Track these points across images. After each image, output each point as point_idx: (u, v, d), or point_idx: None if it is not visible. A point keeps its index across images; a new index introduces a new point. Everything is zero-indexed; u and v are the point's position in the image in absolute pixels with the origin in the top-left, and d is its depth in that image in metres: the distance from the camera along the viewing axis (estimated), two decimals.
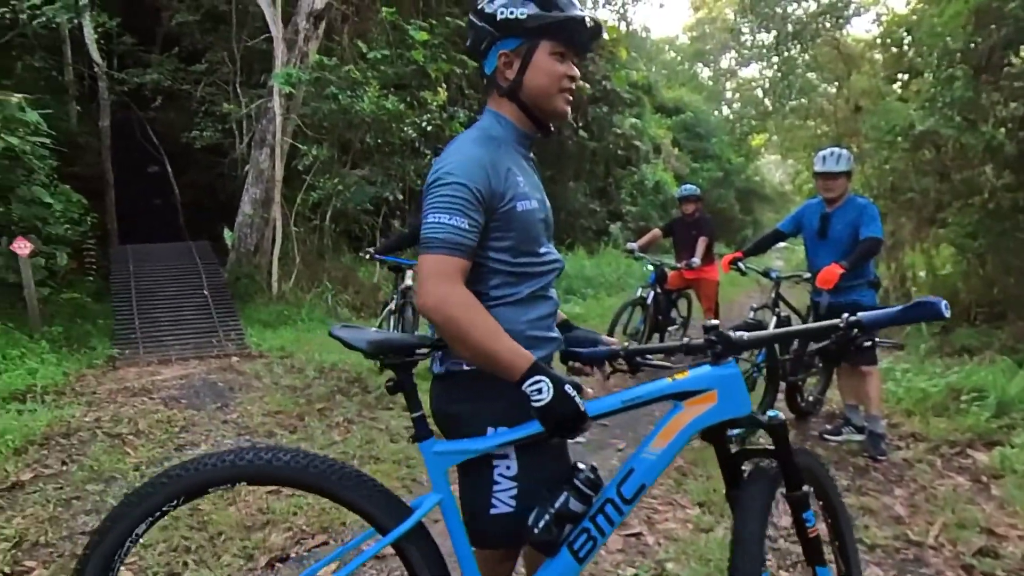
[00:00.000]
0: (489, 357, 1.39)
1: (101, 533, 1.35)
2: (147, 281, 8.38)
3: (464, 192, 1.41)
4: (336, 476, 1.45)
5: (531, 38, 1.49)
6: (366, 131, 9.93)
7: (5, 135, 6.94)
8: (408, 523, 1.45)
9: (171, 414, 4.68)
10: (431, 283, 1.39)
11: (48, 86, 10.11)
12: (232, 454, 1.43)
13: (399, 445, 4.04)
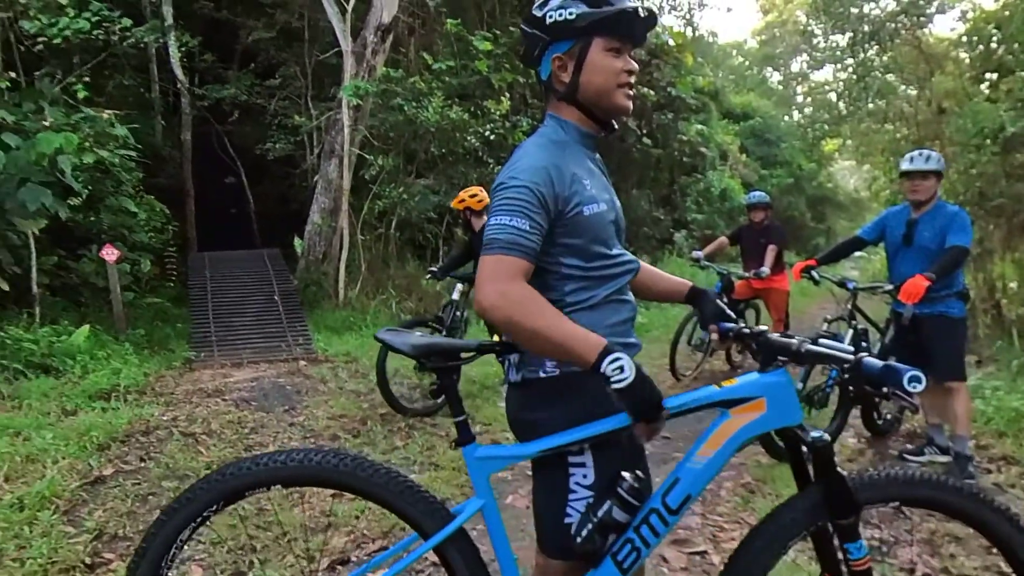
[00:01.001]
0: (559, 345, 1.35)
1: (148, 540, 1.39)
2: (222, 287, 8.72)
3: (526, 194, 1.39)
4: (381, 480, 1.46)
5: (583, 37, 1.46)
6: (430, 141, 10.09)
7: (97, 149, 7.37)
8: (449, 528, 1.44)
9: (241, 415, 4.84)
10: (489, 283, 1.37)
11: (136, 102, 10.70)
12: (279, 456, 1.45)
13: (457, 451, 4.05)
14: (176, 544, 1.39)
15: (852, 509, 1.46)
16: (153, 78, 11.33)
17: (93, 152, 7.26)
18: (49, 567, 2.52)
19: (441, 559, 1.49)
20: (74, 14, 8.54)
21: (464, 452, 1.49)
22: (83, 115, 7.64)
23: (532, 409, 1.52)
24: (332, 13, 9.43)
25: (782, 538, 1.49)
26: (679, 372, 6.15)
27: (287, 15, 11.37)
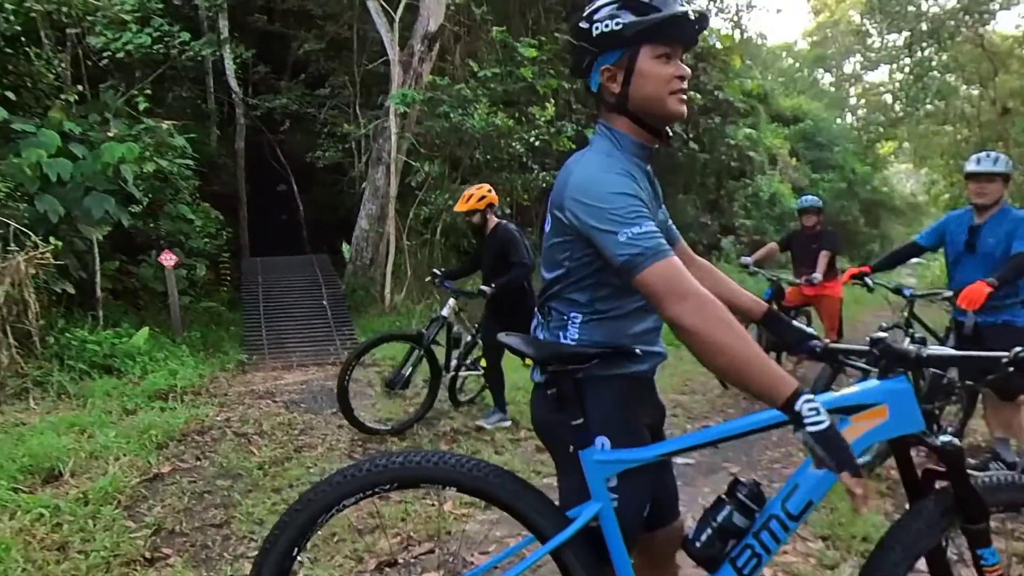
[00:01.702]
0: (748, 371, 1.28)
1: (277, 533, 1.45)
2: (273, 291, 8.95)
3: (633, 199, 1.35)
4: (498, 481, 1.49)
5: (631, 46, 1.44)
6: (476, 147, 10.18)
7: (157, 158, 7.66)
8: (567, 532, 1.45)
9: (292, 417, 4.95)
10: (675, 298, 1.29)
11: (193, 113, 11.09)
12: (404, 456, 1.49)
13: (503, 457, 4.07)
14: (301, 540, 1.44)
15: (983, 514, 1.43)
16: (209, 89, 11.72)
17: (153, 161, 7.55)
18: (112, 560, 2.63)
19: (557, 562, 1.50)
20: (137, 29, 8.91)
21: (581, 455, 1.48)
22: (144, 126, 7.95)
23: (556, 410, 1.51)
24: (380, 23, 9.61)
25: (916, 548, 1.45)
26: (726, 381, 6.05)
27: (337, 26, 11.63)
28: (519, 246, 4.65)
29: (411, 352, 4.97)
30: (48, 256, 5.63)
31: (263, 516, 3.11)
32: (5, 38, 7.39)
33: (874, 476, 3.62)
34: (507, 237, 4.68)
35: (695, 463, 3.96)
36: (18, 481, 3.31)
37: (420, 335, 4.88)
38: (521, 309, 4.61)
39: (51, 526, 2.83)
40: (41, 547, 2.66)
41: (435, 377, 4.94)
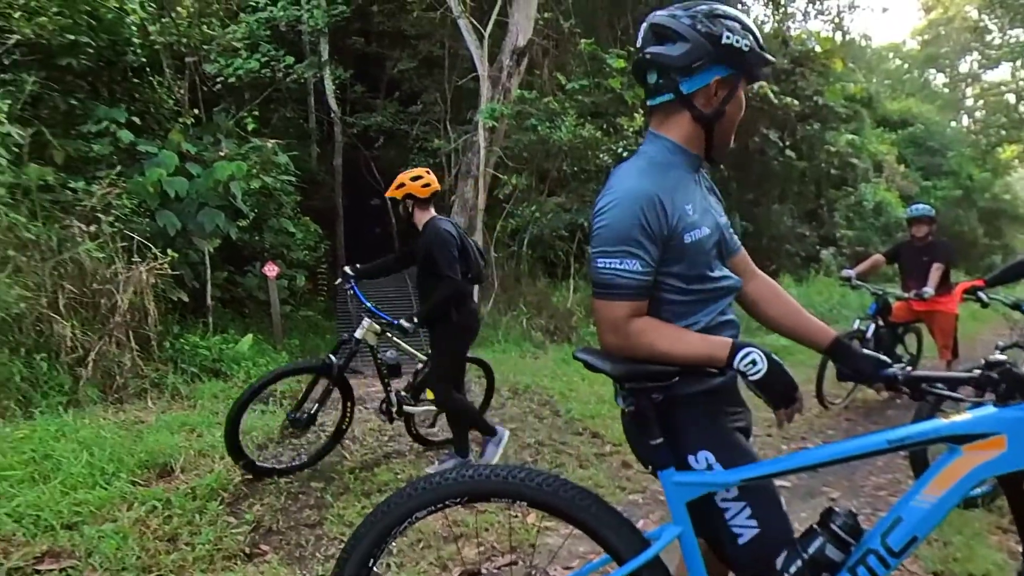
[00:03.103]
0: (689, 358, 1.42)
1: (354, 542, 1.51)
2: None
3: (634, 231, 1.39)
4: (581, 502, 1.49)
5: (743, 70, 1.49)
6: (563, 159, 10.22)
7: (262, 175, 8.14)
8: (646, 555, 1.43)
9: (381, 424, 5.09)
10: (610, 333, 1.44)
11: (295, 132, 11.70)
12: (475, 470, 1.52)
13: (587, 471, 4.05)
14: (377, 551, 1.50)
15: None
16: (310, 109, 12.35)
17: (259, 178, 8.03)
18: (215, 553, 2.80)
19: None
20: (247, 56, 9.55)
21: (661, 476, 1.47)
22: (252, 145, 8.47)
23: (652, 437, 1.50)
24: (470, 40, 9.84)
25: None
26: (827, 400, 5.75)
27: (429, 45, 11.99)
28: (446, 253, 3.72)
29: (314, 384, 4.15)
30: (166, 267, 6.08)
31: (352, 519, 3.22)
32: (133, 69, 8.08)
33: (994, 509, 3.34)
34: (433, 240, 3.78)
35: (791, 486, 3.80)
36: (136, 475, 3.57)
37: (328, 365, 4.02)
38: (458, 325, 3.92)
39: (163, 518, 3.04)
40: (154, 537, 2.86)
41: (345, 412, 4.17)
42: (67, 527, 2.87)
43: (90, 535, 2.78)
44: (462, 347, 4.07)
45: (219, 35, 9.45)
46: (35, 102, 6.85)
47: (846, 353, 1.56)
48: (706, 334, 1.49)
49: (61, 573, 2.51)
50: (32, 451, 3.69)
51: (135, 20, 7.96)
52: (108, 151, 7.08)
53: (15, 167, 5.68)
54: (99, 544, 2.71)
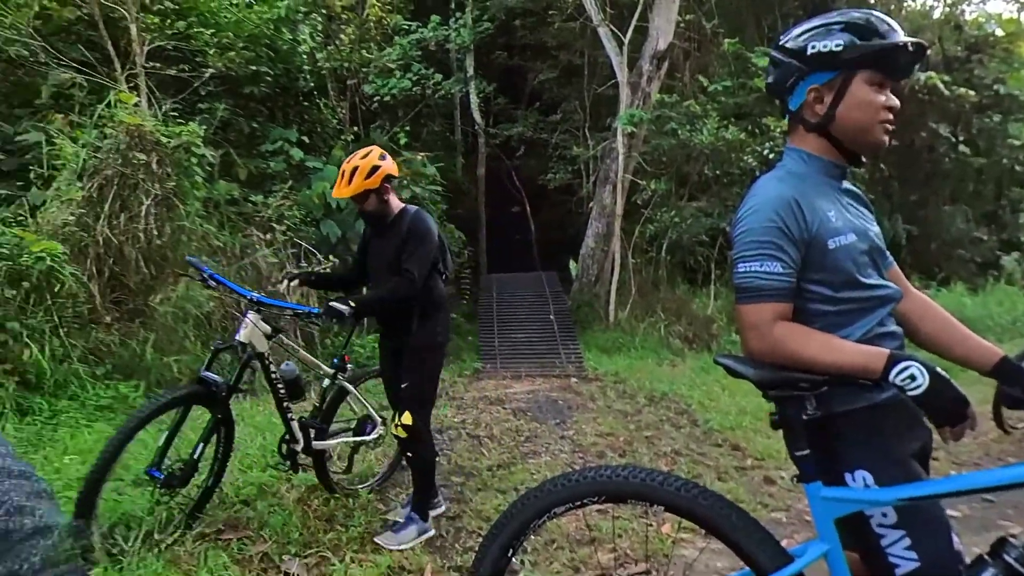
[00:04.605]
0: (839, 367, 1.33)
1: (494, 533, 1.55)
2: (506, 305, 9.51)
3: (772, 234, 1.36)
4: (722, 512, 1.45)
5: (846, 70, 1.40)
6: (704, 163, 9.90)
7: (413, 186, 8.59)
8: (789, 570, 1.37)
9: (518, 424, 5.21)
10: (754, 338, 1.39)
11: (442, 144, 12.24)
12: (613, 470, 1.51)
13: (727, 484, 3.89)
14: (515, 543, 1.54)
15: None
16: (456, 122, 12.88)
17: (409, 189, 8.48)
18: (365, 536, 2.98)
19: None
20: (400, 75, 10.12)
21: (807, 490, 1.40)
22: (403, 158, 8.96)
23: (798, 448, 1.43)
24: (610, 48, 9.79)
25: None
26: (1007, 424, 5.11)
27: (569, 55, 12.08)
28: (425, 246, 2.91)
29: (183, 417, 2.79)
30: (327, 270, 6.59)
31: (490, 514, 3.31)
32: (303, 94, 8.84)
33: None
34: (414, 229, 2.93)
35: (962, 516, 3.42)
36: None
37: (207, 388, 2.78)
38: (434, 337, 3.07)
39: (321, 500, 3.29)
40: (314, 517, 3.11)
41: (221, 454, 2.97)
42: (243, 502, 3.19)
43: (261, 510, 3.07)
44: (440, 363, 3.20)
45: (376, 58, 10.10)
46: (224, 127, 7.68)
47: (1014, 374, 1.40)
48: (879, 340, 1.42)
49: (238, 542, 2.80)
50: None
51: (305, 49, 8.70)
52: (282, 167, 7.80)
53: (208, 184, 6.39)
54: (269, 519, 2.98)
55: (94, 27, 6.78)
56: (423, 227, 2.94)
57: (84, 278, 4.94)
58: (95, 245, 5.14)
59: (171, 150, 5.66)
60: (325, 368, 3.35)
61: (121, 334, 5.06)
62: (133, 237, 5.32)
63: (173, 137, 5.70)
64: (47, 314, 4.55)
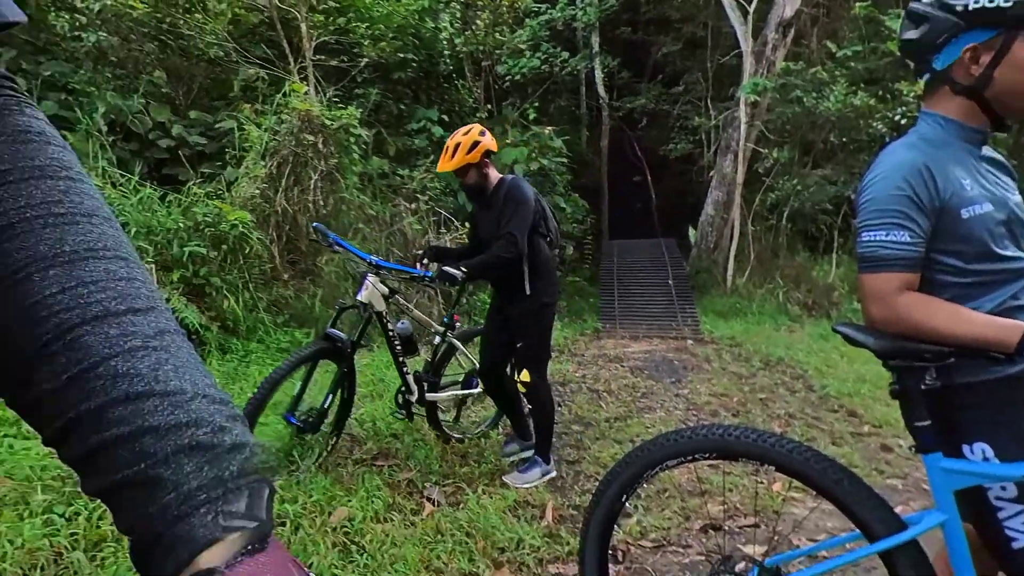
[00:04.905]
0: (968, 339, 1.21)
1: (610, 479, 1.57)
2: (626, 270, 9.38)
3: (900, 202, 1.23)
4: (834, 475, 1.39)
5: (1011, 28, 1.20)
6: (830, 130, 9.11)
7: (540, 158, 8.60)
8: (901, 537, 1.30)
9: (635, 381, 5.18)
10: (876, 306, 1.28)
11: (568, 118, 12.11)
12: (726, 429, 1.47)
13: (841, 449, 3.67)
14: (630, 489, 1.55)
15: None
16: (582, 97, 12.67)
17: (537, 160, 8.50)
18: (494, 473, 3.11)
19: (888, 566, 1.35)
20: (529, 55, 10.07)
21: (926, 461, 1.31)
22: (532, 132, 8.98)
23: (917, 419, 1.34)
24: (734, 18, 9.17)
25: None
26: None
27: (693, 27, 11.46)
28: (522, 210, 2.83)
29: (312, 370, 2.90)
30: (465, 237, 6.79)
31: (607, 462, 3.35)
32: (444, 76, 9.05)
33: None
34: (510, 196, 2.87)
35: None
36: None
37: (334, 344, 2.87)
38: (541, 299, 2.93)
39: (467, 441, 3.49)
40: (451, 452, 3.30)
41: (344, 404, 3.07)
42: (392, 435, 3.44)
43: (408, 444, 3.30)
44: (550, 322, 3.07)
45: (508, 40, 10.10)
46: (376, 109, 8.06)
47: None
48: (1012, 312, 1.27)
49: (388, 468, 3.03)
50: (372, 375, 4.46)
51: (445, 36, 8.87)
52: (425, 144, 8.08)
53: (363, 160, 6.76)
54: (414, 452, 3.20)
55: (273, 28, 7.29)
56: (519, 193, 2.87)
57: (267, 242, 5.44)
58: (275, 214, 5.63)
59: (334, 131, 6.04)
60: (436, 326, 3.36)
61: (296, 289, 5.54)
62: (304, 207, 5.77)
63: (335, 120, 6.07)
64: (240, 272, 5.07)
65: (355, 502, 2.58)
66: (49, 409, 0.33)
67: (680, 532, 2.64)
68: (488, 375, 3.11)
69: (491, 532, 2.46)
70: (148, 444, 0.31)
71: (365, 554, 2.25)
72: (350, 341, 2.90)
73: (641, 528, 2.63)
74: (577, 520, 2.67)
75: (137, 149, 6.25)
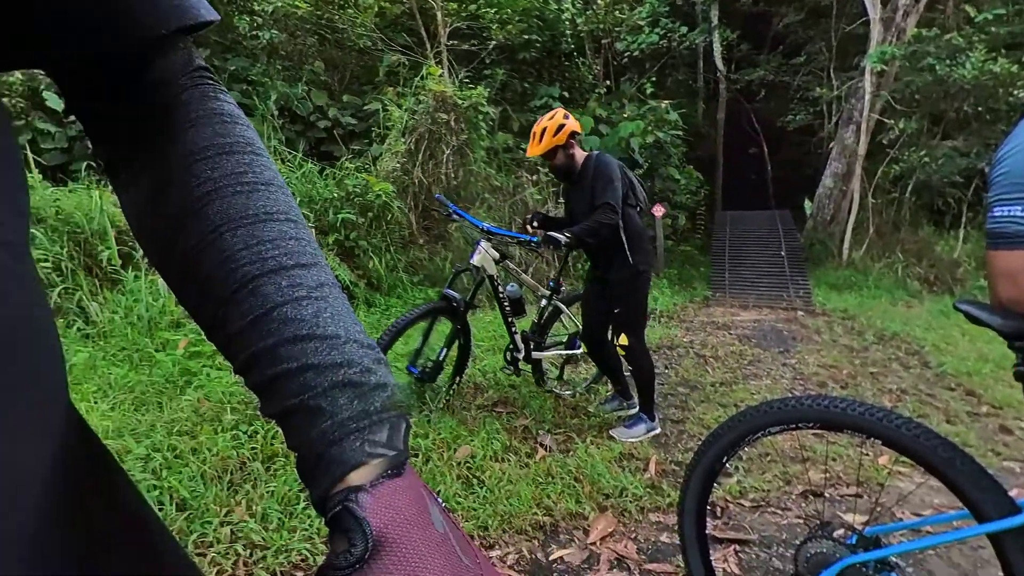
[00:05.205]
0: None
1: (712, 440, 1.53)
2: (737, 240, 8.88)
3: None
4: (944, 453, 1.28)
5: None
6: (964, 99, 7.97)
7: (656, 131, 8.28)
8: (1013, 520, 1.19)
9: (742, 348, 4.95)
10: (1005, 285, 1.14)
11: (685, 92, 11.50)
12: (831, 400, 1.38)
13: (955, 427, 3.32)
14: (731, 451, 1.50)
15: None
16: (699, 70, 11.94)
17: (653, 134, 8.19)
18: (602, 426, 3.14)
19: (996, 548, 1.25)
20: (648, 31, 9.61)
21: None
22: (648, 106, 8.64)
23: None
24: None
25: None
26: None
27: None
28: (612, 182, 2.79)
29: (431, 326, 2.99)
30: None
31: (710, 423, 3.26)
32: (565, 55, 8.88)
33: None
34: (598, 172, 2.84)
35: None
36: None
37: (447, 302, 2.95)
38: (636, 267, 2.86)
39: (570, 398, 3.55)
40: (563, 406, 3.36)
41: (461, 357, 3.17)
42: (511, 386, 3.56)
43: (525, 394, 3.41)
44: (645, 288, 2.99)
45: (627, 17, 9.70)
46: (503, 88, 8.10)
47: None
48: None
49: (507, 415, 3.15)
50: (494, 331, 4.61)
51: (567, 16, 8.68)
52: None
53: (490, 136, 6.86)
54: (530, 401, 3.30)
55: (413, 17, 7.50)
56: (605, 168, 2.82)
57: (406, 210, 5.73)
58: (412, 185, 5.89)
59: (464, 110, 6.17)
60: (543, 290, 3.34)
61: (429, 252, 5.81)
62: (437, 179, 5.98)
63: (466, 99, 6.19)
64: (383, 236, 5.39)
65: (477, 442, 2.70)
66: (237, 345, 0.36)
67: (780, 495, 2.54)
68: (589, 340, 3.12)
69: (597, 479, 2.50)
70: (310, 379, 0.34)
71: (484, 487, 2.36)
72: (464, 301, 2.96)
73: (741, 488, 2.56)
74: (678, 475, 2.65)
75: (301, 130, 6.75)
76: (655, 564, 2.02)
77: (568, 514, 2.27)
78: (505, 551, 2.07)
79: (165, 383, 2.98)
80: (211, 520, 1.96)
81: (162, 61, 0.38)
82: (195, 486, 2.11)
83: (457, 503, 2.27)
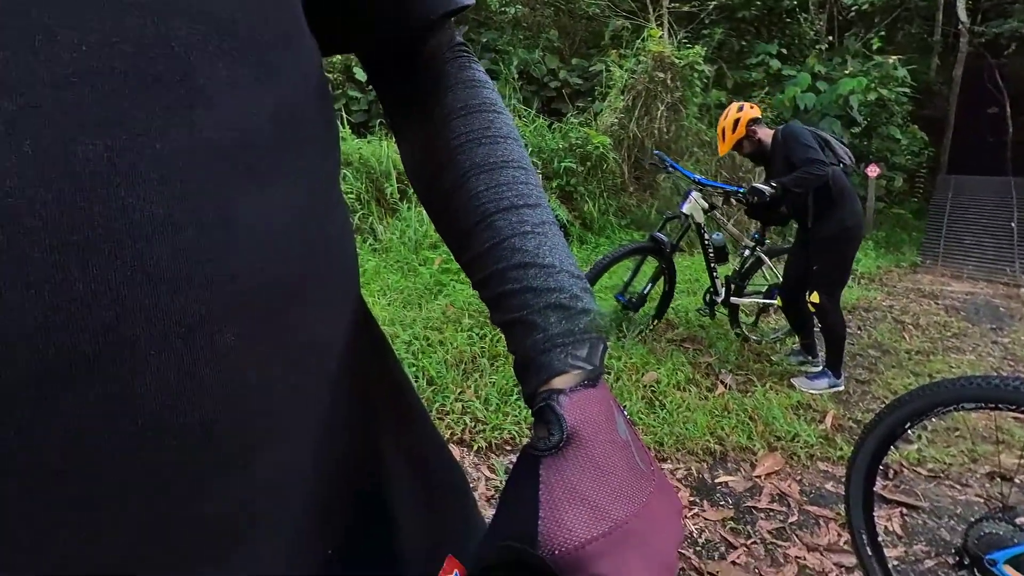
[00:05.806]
0: None
1: (896, 405, 1.35)
2: (960, 206, 7.13)
3: None
4: None
5: None
6: None
7: (879, 88, 6.84)
8: None
9: (948, 320, 4.14)
10: None
11: (918, 47, 9.16)
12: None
13: None
14: (916, 419, 1.30)
15: None
16: (937, 23, 9.31)
17: (876, 91, 6.79)
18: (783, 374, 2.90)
19: None
20: None
21: None
22: (874, 62, 7.12)
23: None
24: None
25: None
26: None
27: None
28: (800, 143, 2.46)
29: (640, 263, 3.00)
30: None
31: (898, 389, 2.86)
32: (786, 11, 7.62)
33: None
34: (787, 143, 2.53)
35: None
36: None
37: (656, 243, 2.89)
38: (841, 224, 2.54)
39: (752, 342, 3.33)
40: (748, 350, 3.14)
41: (664, 296, 3.10)
42: (700, 326, 3.36)
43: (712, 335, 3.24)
44: (850, 249, 2.69)
45: None
46: (719, 47, 7.29)
47: None
48: None
49: (693, 351, 3.03)
50: (690, 276, 4.32)
51: None
52: (761, 77, 7.12)
53: (704, 93, 6.31)
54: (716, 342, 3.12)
55: None
56: (792, 137, 2.54)
57: (619, 161, 5.65)
58: (627, 139, 5.75)
59: (680, 68, 5.73)
60: (747, 240, 3.16)
61: (638, 200, 5.72)
62: (651, 133, 5.75)
63: (683, 59, 5.73)
64: (597, 183, 5.42)
65: (663, 371, 2.68)
66: (475, 266, 0.38)
67: (962, 471, 2.21)
68: (786, 293, 2.88)
69: (771, 421, 2.40)
70: (529, 299, 0.35)
71: (664, 410, 2.38)
72: (670, 243, 2.93)
73: (920, 456, 2.27)
74: (855, 432, 2.43)
75: (535, 90, 6.93)
76: (815, 507, 1.94)
77: (738, 447, 2.24)
78: (675, 467, 2.12)
79: (424, 290, 3.39)
80: (449, 396, 2.28)
81: (432, 40, 0.40)
82: (440, 369, 2.44)
83: (639, 419, 2.33)
